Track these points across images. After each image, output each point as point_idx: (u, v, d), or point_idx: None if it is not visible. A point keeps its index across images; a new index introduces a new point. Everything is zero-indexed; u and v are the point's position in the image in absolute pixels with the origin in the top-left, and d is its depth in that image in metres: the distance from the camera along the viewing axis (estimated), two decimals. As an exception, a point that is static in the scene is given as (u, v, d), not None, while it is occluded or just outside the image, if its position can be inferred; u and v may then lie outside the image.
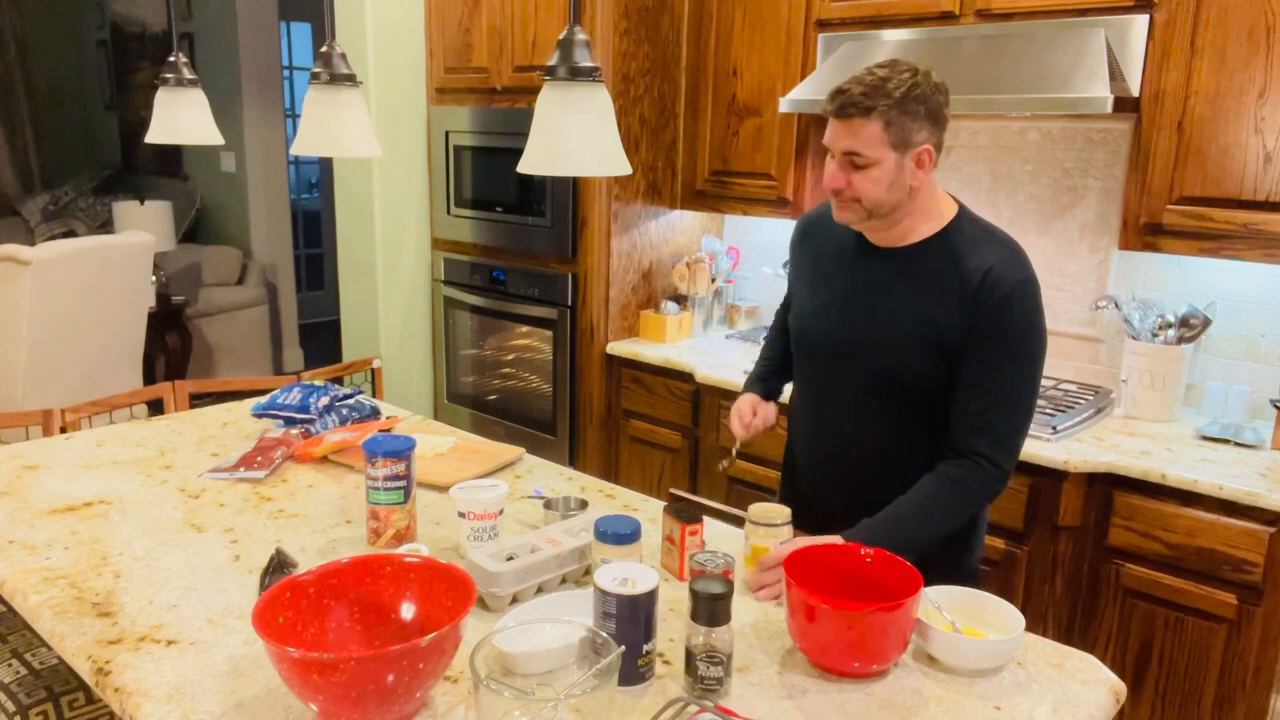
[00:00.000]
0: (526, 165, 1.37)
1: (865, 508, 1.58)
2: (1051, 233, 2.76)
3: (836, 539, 1.49)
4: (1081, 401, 2.51)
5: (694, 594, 1.20)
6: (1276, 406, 2.26)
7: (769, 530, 1.50)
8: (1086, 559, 2.27)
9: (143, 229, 4.54)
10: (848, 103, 1.50)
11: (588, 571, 1.51)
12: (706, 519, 1.63)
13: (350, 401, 2.23)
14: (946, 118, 1.54)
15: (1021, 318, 1.53)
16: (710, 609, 1.19)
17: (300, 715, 1.15)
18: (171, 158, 6.30)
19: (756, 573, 1.49)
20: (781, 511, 1.52)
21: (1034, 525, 2.29)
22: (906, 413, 1.62)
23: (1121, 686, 1.29)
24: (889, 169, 1.52)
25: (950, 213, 1.61)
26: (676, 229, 3.42)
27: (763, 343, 2.03)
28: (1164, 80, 2.25)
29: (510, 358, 3.53)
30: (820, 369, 1.72)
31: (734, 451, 1.92)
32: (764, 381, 1.94)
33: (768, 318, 3.40)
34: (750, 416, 1.84)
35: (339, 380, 3.05)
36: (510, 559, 1.42)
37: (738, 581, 1.48)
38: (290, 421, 2.14)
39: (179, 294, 5.07)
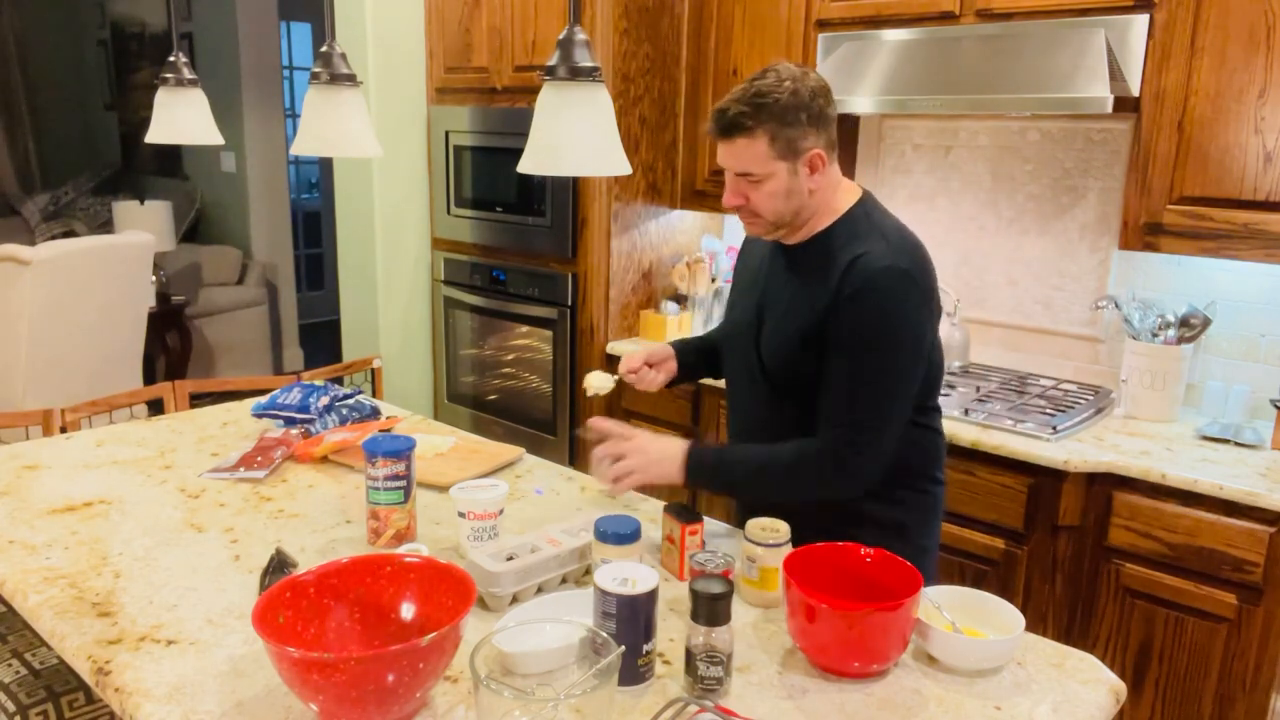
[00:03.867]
0: (526, 165, 1.37)
1: (845, 520, 1.62)
2: (1051, 233, 2.76)
3: (678, 448, 1.62)
4: (1081, 401, 2.51)
5: (694, 594, 1.20)
6: (1276, 406, 2.26)
7: (773, 550, 1.46)
8: (1086, 559, 2.27)
9: (143, 229, 4.54)
10: (729, 124, 1.50)
11: (588, 571, 1.51)
12: (708, 519, 1.63)
13: (350, 401, 2.23)
14: (831, 117, 1.54)
15: (874, 306, 1.49)
16: (710, 609, 1.19)
17: (300, 715, 1.15)
18: (171, 158, 6.31)
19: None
20: (782, 527, 1.50)
21: (1034, 525, 2.29)
22: (799, 408, 1.61)
23: (1121, 686, 1.29)
24: (782, 180, 1.53)
25: (846, 205, 1.60)
26: (676, 229, 3.42)
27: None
28: (1164, 80, 2.25)
29: (510, 358, 3.53)
30: (732, 367, 1.77)
31: (613, 380, 1.92)
32: (688, 350, 1.94)
33: (768, 318, 3.40)
34: (638, 364, 1.88)
35: (339, 380, 3.05)
36: (510, 559, 1.42)
37: (738, 583, 1.48)
38: (290, 421, 2.14)
39: (179, 294, 5.07)
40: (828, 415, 1.55)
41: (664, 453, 1.61)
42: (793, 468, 1.56)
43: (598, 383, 1.82)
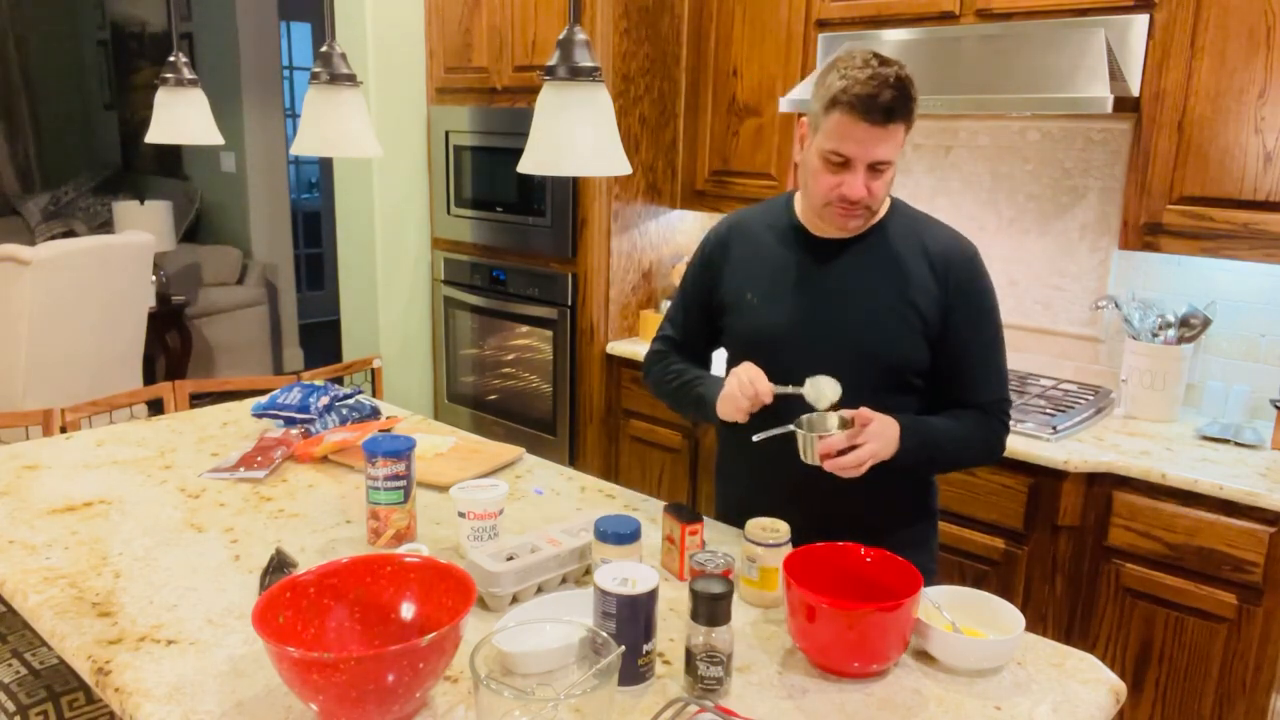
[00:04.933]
0: (526, 165, 1.37)
1: (846, 514, 1.61)
2: (1051, 233, 2.76)
3: (894, 425, 1.52)
4: (1081, 401, 2.51)
5: (694, 594, 1.20)
6: (1276, 406, 2.26)
7: (773, 550, 1.46)
8: (1086, 559, 2.27)
9: (143, 229, 4.54)
10: (889, 110, 1.45)
11: (588, 571, 1.51)
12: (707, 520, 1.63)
13: (350, 401, 2.23)
14: None
15: (989, 283, 1.64)
16: (710, 609, 1.19)
17: (300, 715, 1.15)
18: (171, 158, 6.31)
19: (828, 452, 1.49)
20: (782, 527, 1.49)
21: (1034, 525, 2.29)
22: (891, 405, 1.60)
23: (1121, 686, 1.29)
24: (895, 166, 1.55)
25: (886, 197, 1.66)
26: (676, 229, 3.42)
27: (661, 359, 1.82)
28: (1164, 80, 2.25)
29: (510, 358, 3.53)
30: (795, 373, 1.61)
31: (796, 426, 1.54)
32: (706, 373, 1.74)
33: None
34: (763, 383, 1.54)
35: (339, 380, 3.05)
36: (510, 559, 1.42)
37: (738, 583, 1.48)
38: (290, 421, 2.14)
39: (179, 294, 5.07)
40: (982, 393, 1.64)
41: (888, 434, 1.52)
42: (984, 447, 1.66)
43: (830, 389, 1.54)
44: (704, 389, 1.69)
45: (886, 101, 1.44)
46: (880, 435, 1.50)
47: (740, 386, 1.55)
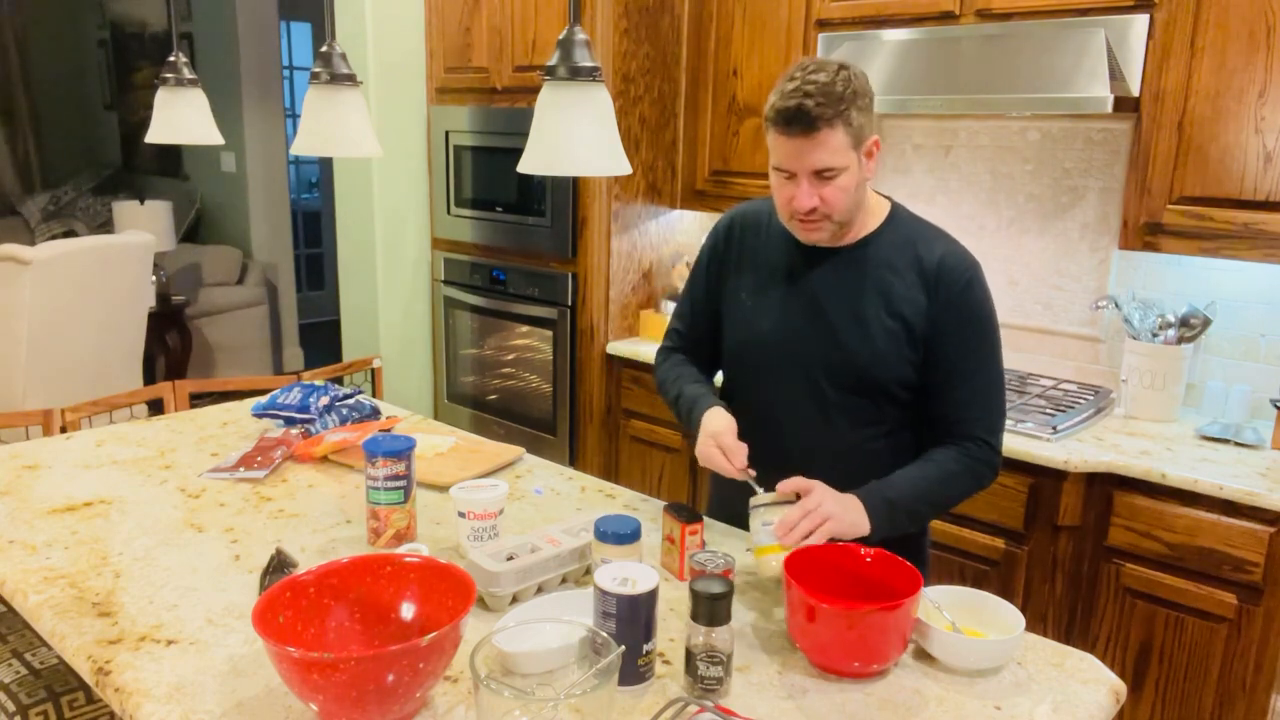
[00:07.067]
0: (526, 165, 1.37)
1: None
2: (1051, 233, 2.76)
3: (854, 499, 1.48)
4: (1081, 401, 2.51)
5: (694, 594, 1.20)
6: (1277, 406, 2.26)
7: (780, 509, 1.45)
8: (1086, 559, 2.27)
9: (143, 229, 4.54)
10: (810, 118, 1.43)
11: (588, 571, 1.51)
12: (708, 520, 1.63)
13: (350, 401, 2.23)
14: None
15: (984, 300, 1.58)
16: (710, 609, 1.19)
17: (300, 715, 1.15)
18: (171, 158, 6.31)
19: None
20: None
21: (1034, 525, 2.29)
22: (876, 416, 1.61)
23: (1121, 686, 1.29)
24: (854, 172, 1.50)
25: (885, 205, 1.63)
26: (676, 229, 3.42)
27: (666, 357, 1.83)
28: (1164, 80, 2.25)
29: (510, 358, 3.53)
30: (781, 381, 1.64)
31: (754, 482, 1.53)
32: (710, 391, 1.70)
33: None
34: (737, 450, 1.54)
35: (339, 380, 3.05)
36: (510, 559, 1.43)
37: (738, 580, 1.48)
38: (290, 421, 2.14)
39: (179, 294, 5.07)
40: (964, 415, 1.58)
41: (848, 506, 1.48)
42: (967, 478, 1.58)
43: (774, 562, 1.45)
44: (694, 408, 1.66)
45: (807, 110, 1.43)
46: (830, 504, 1.45)
47: (711, 456, 1.54)
